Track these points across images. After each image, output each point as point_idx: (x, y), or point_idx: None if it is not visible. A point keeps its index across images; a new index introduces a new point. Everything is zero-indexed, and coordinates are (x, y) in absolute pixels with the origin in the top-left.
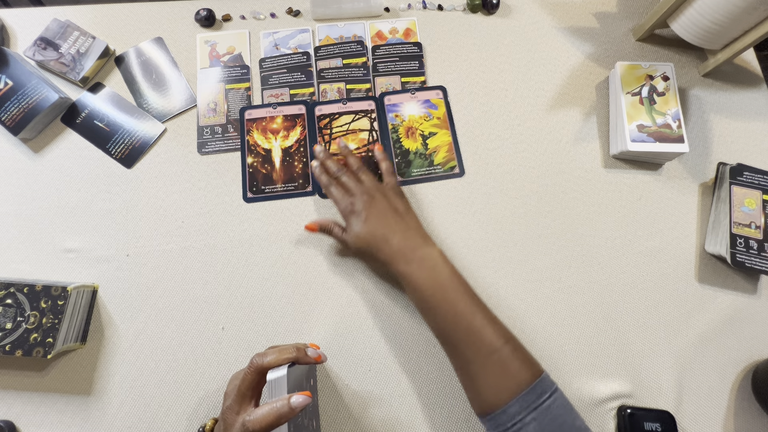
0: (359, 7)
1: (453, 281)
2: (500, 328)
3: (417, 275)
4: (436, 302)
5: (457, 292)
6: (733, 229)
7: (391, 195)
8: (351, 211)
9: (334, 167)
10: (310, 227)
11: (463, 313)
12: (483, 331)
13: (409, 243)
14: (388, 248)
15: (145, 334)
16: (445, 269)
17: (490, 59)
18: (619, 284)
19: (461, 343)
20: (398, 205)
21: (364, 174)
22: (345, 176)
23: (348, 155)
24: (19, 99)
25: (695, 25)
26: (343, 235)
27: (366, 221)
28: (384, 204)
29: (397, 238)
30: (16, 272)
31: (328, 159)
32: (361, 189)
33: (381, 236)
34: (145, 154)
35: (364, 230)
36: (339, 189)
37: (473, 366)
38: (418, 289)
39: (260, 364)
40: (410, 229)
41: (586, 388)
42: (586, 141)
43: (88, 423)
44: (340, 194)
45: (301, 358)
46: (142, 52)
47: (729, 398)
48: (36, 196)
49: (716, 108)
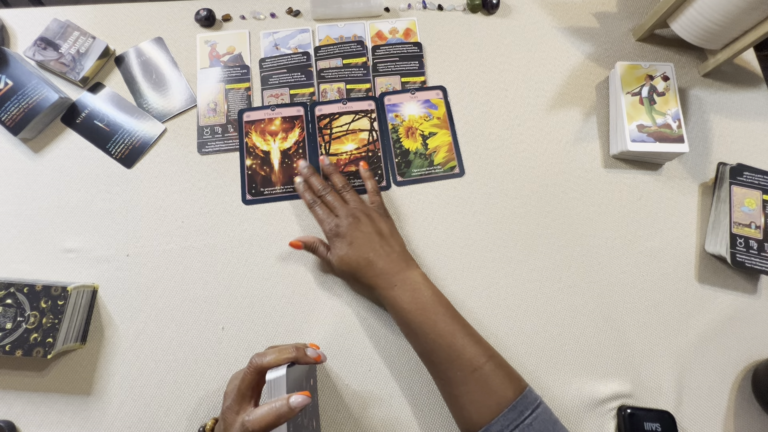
0: (359, 7)
1: (434, 302)
2: (482, 346)
3: (400, 298)
4: (418, 323)
5: (437, 312)
6: (733, 229)
7: (375, 216)
8: (336, 233)
9: (318, 185)
10: (295, 244)
11: (444, 332)
12: (464, 350)
13: (392, 267)
14: (371, 272)
15: (145, 334)
16: (427, 291)
17: (490, 59)
18: (619, 284)
19: (443, 362)
20: (383, 228)
21: (349, 194)
22: (330, 195)
23: (332, 174)
24: (19, 99)
25: (695, 25)
26: (327, 255)
27: (351, 245)
28: (369, 226)
29: (382, 262)
30: (16, 272)
31: (312, 176)
32: (346, 210)
33: (365, 260)
34: (145, 154)
35: (348, 253)
36: (323, 209)
37: (456, 385)
38: (400, 311)
39: (260, 364)
40: (394, 252)
41: (586, 388)
42: (586, 141)
43: (88, 423)
44: (325, 214)
45: (300, 358)
46: (142, 52)
47: (729, 398)
48: (36, 196)
49: (716, 108)
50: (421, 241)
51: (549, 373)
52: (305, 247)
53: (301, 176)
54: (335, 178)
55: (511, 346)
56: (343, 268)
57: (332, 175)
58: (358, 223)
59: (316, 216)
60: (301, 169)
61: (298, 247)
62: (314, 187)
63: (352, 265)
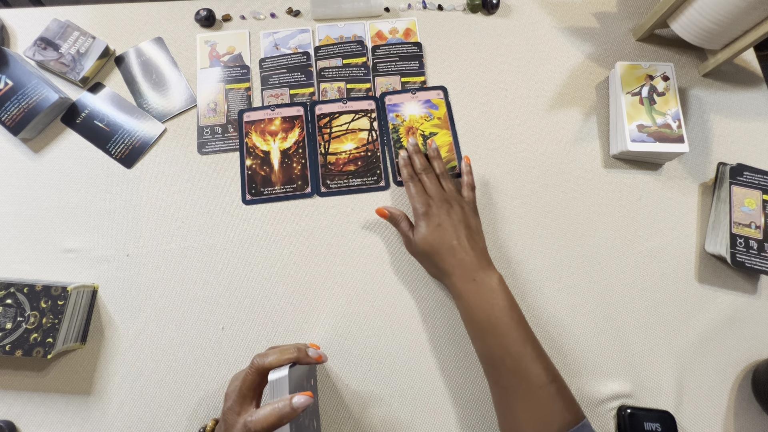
0: (359, 7)
1: (509, 308)
2: (549, 365)
3: (474, 297)
4: (489, 327)
5: (511, 321)
6: (733, 229)
7: (467, 209)
8: (426, 212)
9: (420, 165)
10: (381, 212)
11: (515, 344)
12: (532, 366)
13: (473, 261)
14: (451, 260)
15: (145, 334)
16: (504, 296)
17: (490, 59)
18: (619, 284)
19: (508, 373)
20: (471, 222)
21: (446, 181)
22: (428, 176)
23: (435, 158)
24: (19, 99)
25: (695, 25)
26: (409, 231)
27: (438, 227)
28: (460, 216)
29: (463, 253)
30: (16, 272)
31: (416, 154)
32: (441, 194)
33: (448, 246)
34: (145, 154)
35: (433, 235)
36: (418, 187)
37: (516, 398)
38: (472, 310)
39: (261, 364)
40: (477, 248)
41: (586, 388)
42: (586, 141)
43: (88, 423)
44: (419, 192)
45: (302, 359)
46: (142, 52)
47: (729, 398)
48: (36, 196)
49: (716, 108)
50: None
51: None
52: (390, 218)
53: (407, 151)
54: (436, 163)
55: None
56: (424, 248)
57: (434, 160)
58: (450, 209)
59: (410, 191)
60: (410, 144)
61: (384, 215)
62: (415, 165)
63: (435, 247)
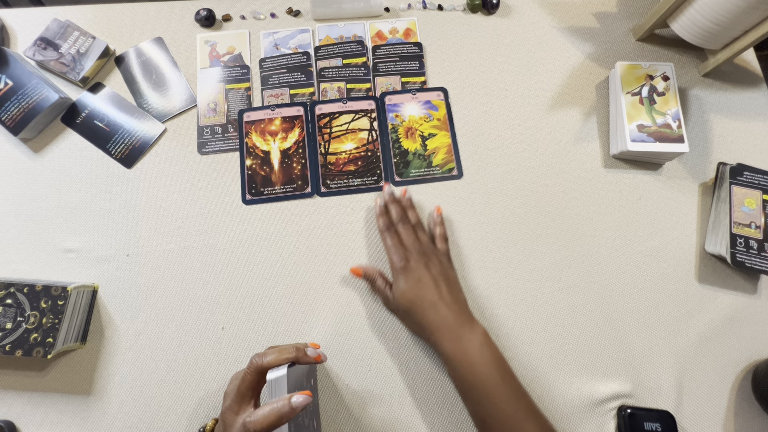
0: (359, 7)
1: (499, 368)
2: (542, 424)
3: (463, 358)
4: (481, 387)
5: (502, 380)
6: (733, 229)
7: (444, 261)
8: (404, 266)
9: (396, 214)
10: (355, 271)
11: (506, 402)
12: (524, 425)
13: (456, 318)
14: (434, 317)
15: (145, 334)
16: (491, 354)
17: (490, 59)
18: (619, 284)
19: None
20: (450, 274)
21: (422, 232)
22: (404, 227)
23: (410, 208)
24: (19, 99)
25: (695, 25)
26: (386, 289)
27: (418, 282)
28: (438, 269)
29: (446, 309)
30: (16, 272)
31: (393, 203)
32: (419, 247)
33: (429, 302)
34: (145, 154)
35: (414, 290)
36: (395, 239)
37: None
38: (462, 372)
39: (260, 364)
40: (459, 301)
41: (586, 388)
42: (586, 141)
43: (88, 423)
44: (395, 245)
45: (300, 358)
46: (142, 52)
47: (729, 398)
48: (36, 196)
49: (716, 108)
50: None
51: (549, 373)
52: (365, 277)
53: (383, 200)
54: (411, 214)
55: (511, 346)
56: (405, 304)
57: (409, 210)
58: (428, 262)
59: (386, 243)
60: (386, 193)
61: (358, 274)
62: (392, 215)
63: (416, 303)
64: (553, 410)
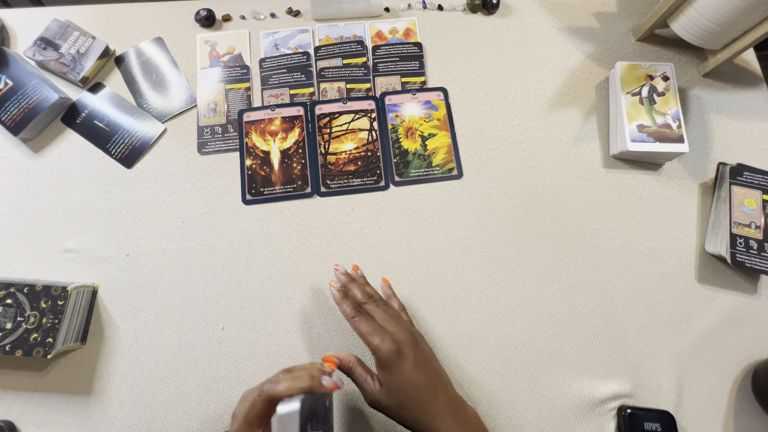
0: (359, 7)
1: None
2: None
3: None
4: None
5: None
6: (733, 229)
7: (419, 335)
8: (397, 351)
9: (360, 295)
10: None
11: None
12: None
13: (452, 401)
14: (434, 407)
15: (145, 334)
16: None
17: (490, 59)
18: (619, 284)
19: None
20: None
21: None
22: (373, 306)
23: (366, 285)
24: (19, 99)
25: (695, 25)
26: (368, 380)
27: (415, 366)
28: (426, 346)
29: (444, 394)
30: (16, 272)
31: (352, 283)
32: (399, 326)
33: (431, 387)
34: (145, 154)
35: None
36: (370, 322)
37: None
38: None
39: (271, 393)
40: (449, 383)
41: (586, 388)
42: (586, 141)
43: (88, 423)
44: (375, 329)
45: (315, 388)
46: (142, 52)
47: (729, 398)
48: (36, 196)
49: (716, 108)
50: (421, 240)
51: (549, 373)
52: (341, 367)
53: (339, 283)
54: (370, 290)
55: (511, 346)
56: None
57: (366, 287)
58: (416, 341)
59: (360, 331)
60: (339, 276)
61: (333, 364)
62: (356, 297)
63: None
64: (553, 410)
